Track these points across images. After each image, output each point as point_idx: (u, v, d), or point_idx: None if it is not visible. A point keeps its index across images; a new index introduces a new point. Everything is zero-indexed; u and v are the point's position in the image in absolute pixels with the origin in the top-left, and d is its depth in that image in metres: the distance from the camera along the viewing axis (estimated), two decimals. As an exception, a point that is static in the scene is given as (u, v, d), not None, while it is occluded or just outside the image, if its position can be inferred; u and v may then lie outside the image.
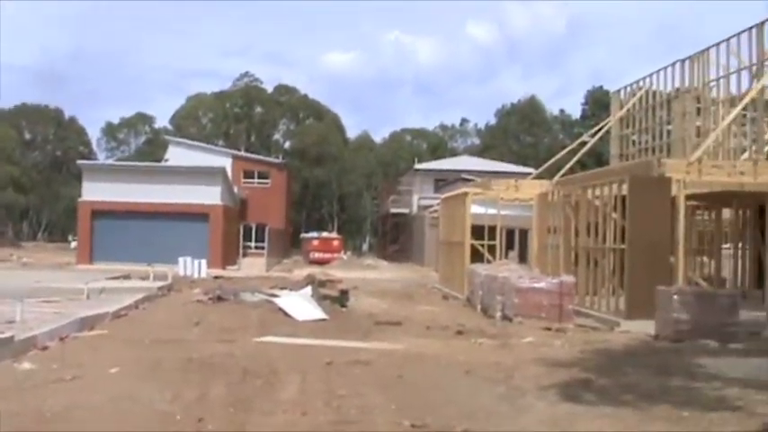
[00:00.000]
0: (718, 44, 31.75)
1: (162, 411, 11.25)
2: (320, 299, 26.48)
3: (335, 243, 79.40)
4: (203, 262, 48.23)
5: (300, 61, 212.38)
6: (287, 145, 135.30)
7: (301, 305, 24.62)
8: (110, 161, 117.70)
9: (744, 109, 29.40)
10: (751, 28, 29.32)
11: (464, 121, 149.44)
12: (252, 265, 57.68)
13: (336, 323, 22.63)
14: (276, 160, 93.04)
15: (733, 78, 31.37)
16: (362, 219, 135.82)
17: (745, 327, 20.86)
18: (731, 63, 31.38)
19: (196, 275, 45.21)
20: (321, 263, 67.92)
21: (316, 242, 78.40)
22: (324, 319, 23.26)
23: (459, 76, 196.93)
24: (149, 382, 13.11)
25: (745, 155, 30.67)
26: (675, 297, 20.48)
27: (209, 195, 59.07)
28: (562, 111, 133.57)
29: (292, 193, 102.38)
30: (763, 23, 28.82)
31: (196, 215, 57.51)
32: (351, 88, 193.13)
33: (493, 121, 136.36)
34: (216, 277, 43.67)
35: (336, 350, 17.24)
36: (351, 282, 36.72)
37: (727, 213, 33.37)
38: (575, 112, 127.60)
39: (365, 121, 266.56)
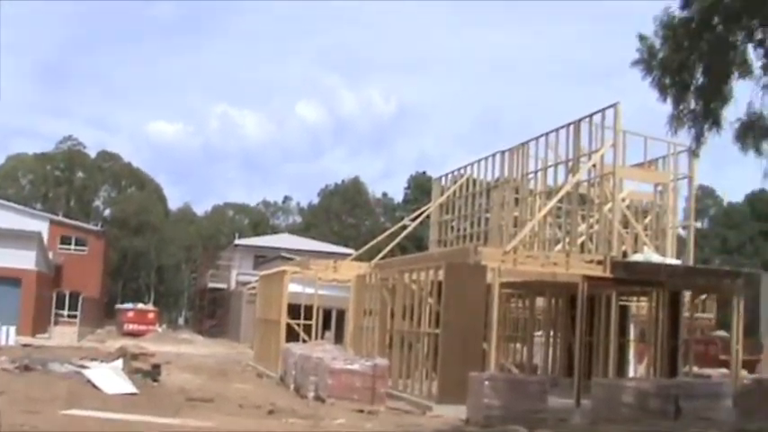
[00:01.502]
0: (537, 138, 32.82)
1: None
2: (132, 372, 25.88)
3: (151, 315, 78.28)
4: (12, 328, 46.58)
5: (126, 128, 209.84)
6: (107, 212, 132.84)
7: (112, 378, 24.00)
8: None
9: (559, 202, 30.42)
10: (569, 125, 30.46)
11: (287, 198, 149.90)
12: (63, 334, 56.10)
13: (147, 398, 22.12)
14: (95, 227, 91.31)
15: (550, 172, 32.44)
16: (180, 292, 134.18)
17: (553, 413, 21.34)
18: (549, 157, 32.48)
19: (4, 342, 43.58)
20: (135, 335, 66.69)
21: (131, 313, 77.16)
22: (134, 394, 22.73)
23: (285, 154, 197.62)
24: (-56, 455, 12.56)
25: (559, 246, 31.63)
26: (486, 383, 20.82)
27: (22, 260, 57.44)
28: (385, 194, 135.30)
29: (110, 262, 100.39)
30: (579, 122, 29.99)
31: (8, 279, 55.77)
32: (175, 159, 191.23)
33: (316, 200, 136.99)
34: (25, 345, 42.21)
35: (145, 426, 16.87)
36: (165, 356, 36.04)
37: (540, 302, 34.21)
38: (397, 195, 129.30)
39: (188, 192, 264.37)
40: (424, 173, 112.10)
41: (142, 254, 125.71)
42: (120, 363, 26.94)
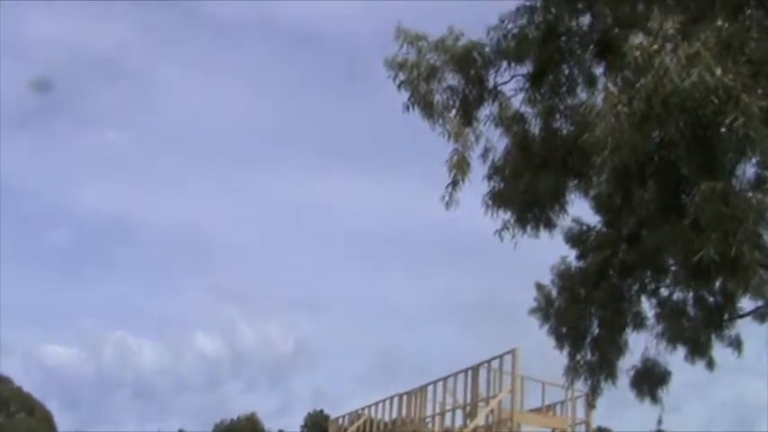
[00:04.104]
0: (435, 382, 32.67)
1: None
2: None
3: None
4: None
5: (18, 351, 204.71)
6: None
7: None
8: None
9: (458, 445, 30.09)
10: (467, 370, 30.44)
11: (181, 431, 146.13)
12: None
13: None
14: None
15: (448, 416, 32.13)
16: None
17: None
18: (447, 401, 32.26)
19: None
20: None
21: None
22: None
23: (181, 385, 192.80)
24: None
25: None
26: None
27: None
28: (281, 431, 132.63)
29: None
30: (478, 367, 30.00)
31: None
32: (68, 384, 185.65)
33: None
34: None
35: None
36: None
37: None
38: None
39: (80, 420, 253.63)
40: (322, 411, 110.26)
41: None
42: None
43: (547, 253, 17.88)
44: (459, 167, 15.15)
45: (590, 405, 26.05)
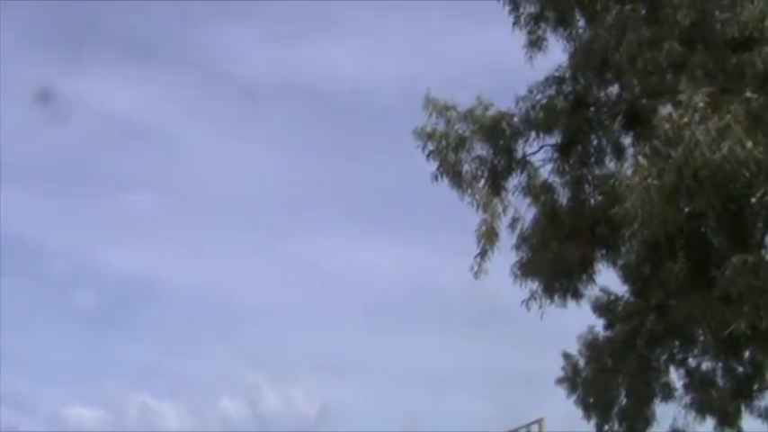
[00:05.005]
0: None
1: None
2: None
3: None
4: None
5: (41, 411, 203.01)
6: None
7: None
8: None
9: None
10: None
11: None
12: None
13: None
14: None
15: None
16: None
17: None
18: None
19: None
20: None
21: None
22: None
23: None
24: None
25: None
26: None
27: None
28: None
29: None
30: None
31: None
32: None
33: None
34: None
35: None
36: None
37: None
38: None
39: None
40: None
41: None
42: None
43: (574, 322, 17.76)
44: (488, 237, 15.06)
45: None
